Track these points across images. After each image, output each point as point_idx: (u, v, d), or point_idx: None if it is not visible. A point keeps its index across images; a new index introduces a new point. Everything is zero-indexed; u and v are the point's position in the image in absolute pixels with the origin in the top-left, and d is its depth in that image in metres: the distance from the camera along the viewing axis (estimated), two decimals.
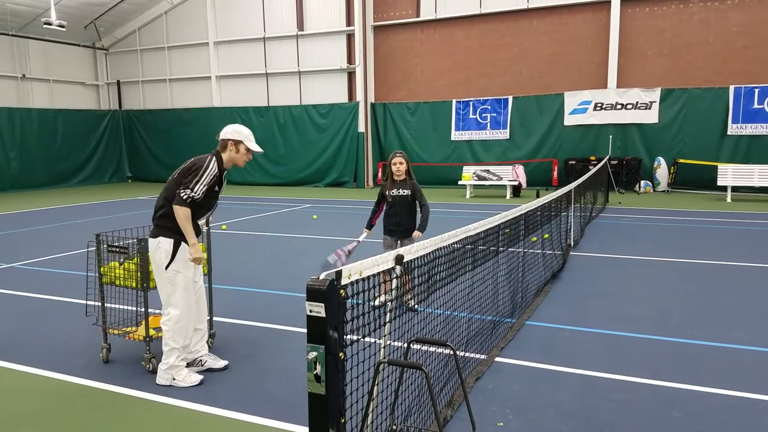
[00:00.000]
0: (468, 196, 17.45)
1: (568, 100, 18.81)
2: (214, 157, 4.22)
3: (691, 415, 3.65)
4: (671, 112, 17.76)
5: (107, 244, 4.54)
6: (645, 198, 16.34)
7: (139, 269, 4.33)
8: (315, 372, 2.08)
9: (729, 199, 15.41)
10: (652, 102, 17.91)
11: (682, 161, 17.60)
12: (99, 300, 4.63)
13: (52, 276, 7.79)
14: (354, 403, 2.70)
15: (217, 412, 3.78)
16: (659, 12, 17.70)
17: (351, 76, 21.45)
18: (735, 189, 15.89)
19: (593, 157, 18.04)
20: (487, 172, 17.99)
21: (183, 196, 4.05)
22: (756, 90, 16.86)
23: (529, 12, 19.08)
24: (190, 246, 4.13)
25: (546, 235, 7.31)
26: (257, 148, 4.35)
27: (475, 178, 17.95)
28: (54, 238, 10.84)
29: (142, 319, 4.55)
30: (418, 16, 20.43)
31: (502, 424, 3.56)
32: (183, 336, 4.19)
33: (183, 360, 4.25)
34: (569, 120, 18.89)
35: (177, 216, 4.05)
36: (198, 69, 23.77)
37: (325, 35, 21.48)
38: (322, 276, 2.12)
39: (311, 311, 2.07)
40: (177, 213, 4.04)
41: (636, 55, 18.05)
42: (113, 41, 25.22)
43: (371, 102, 21.47)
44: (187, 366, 4.31)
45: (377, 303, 2.73)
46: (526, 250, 6.07)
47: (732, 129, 17.24)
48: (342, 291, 2.19)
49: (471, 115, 20.17)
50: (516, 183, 17.40)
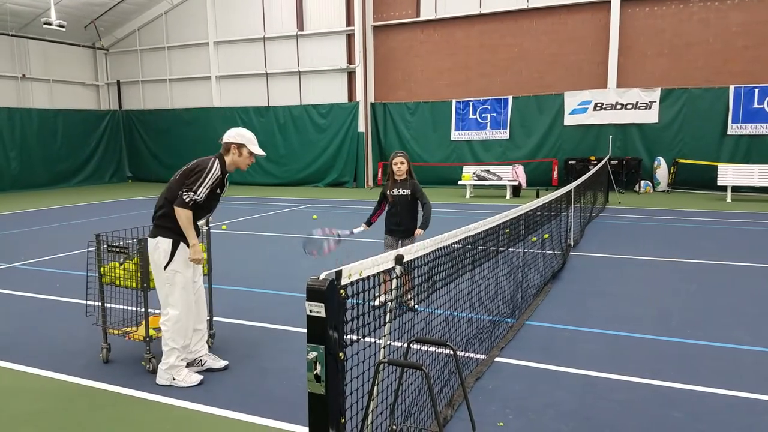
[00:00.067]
0: (468, 196, 17.45)
1: (568, 100, 18.81)
2: (217, 160, 4.23)
3: (691, 415, 3.65)
4: (671, 112, 17.75)
5: (107, 244, 4.55)
6: (645, 198, 16.34)
7: (139, 269, 4.33)
8: (315, 372, 2.08)
9: (729, 199, 15.41)
10: (652, 102, 17.90)
11: (682, 161, 17.59)
12: (99, 300, 4.63)
13: (52, 276, 7.79)
14: (354, 403, 2.70)
15: (217, 412, 3.78)
16: (659, 12, 17.69)
17: (351, 76, 21.45)
18: (735, 189, 15.88)
19: (593, 157, 18.03)
20: (487, 172, 17.98)
21: (185, 198, 4.06)
22: (756, 90, 16.86)
23: (529, 12, 19.08)
24: (190, 247, 4.15)
25: (546, 235, 7.31)
26: (260, 151, 4.36)
27: (475, 178, 17.95)
28: (54, 238, 10.84)
29: (142, 319, 4.55)
30: (418, 16, 20.43)
31: (502, 424, 3.56)
32: (182, 336, 4.19)
33: (183, 360, 4.25)
34: (569, 120, 18.88)
35: (179, 218, 4.06)
36: (198, 69, 23.78)
37: (325, 35, 21.48)
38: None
39: (311, 311, 2.07)
40: (178, 215, 4.06)
41: (636, 55, 18.05)
42: (113, 41, 25.23)
43: (371, 102, 21.46)
44: (187, 366, 4.31)
45: (377, 303, 2.73)
46: (526, 250, 6.07)
47: (732, 129, 17.24)
48: (342, 291, 2.19)
49: (471, 115, 20.17)
50: (516, 183, 17.39)
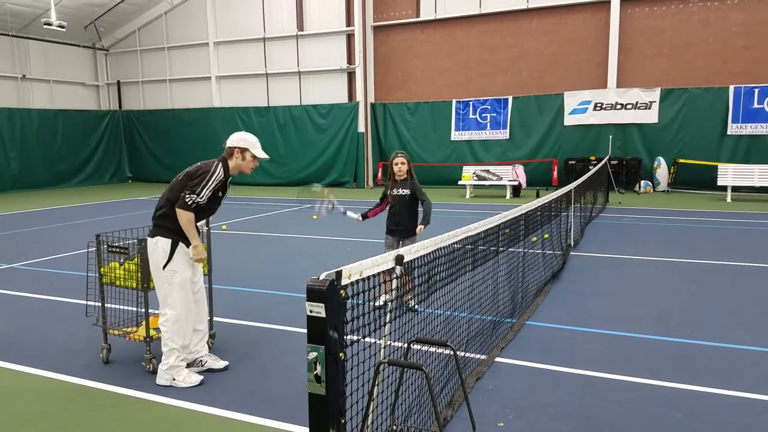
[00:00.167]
0: (468, 196, 17.45)
1: (567, 100, 18.81)
2: (220, 163, 4.23)
3: (691, 415, 3.65)
4: (671, 112, 17.75)
5: (107, 244, 4.55)
6: (645, 198, 16.34)
7: (140, 270, 4.33)
8: (315, 372, 2.08)
9: (729, 199, 15.40)
10: (652, 102, 17.90)
11: (682, 161, 17.59)
12: (99, 300, 4.63)
13: (52, 276, 7.79)
14: (354, 404, 2.70)
15: (217, 412, 3.78)
16: (659, 12, 17.69)
17: (351, 76, 21.45)
18: (735, 189, 15.87)
19: (593, 157, 18.03)
20: (487, 172, 17.98)
21: (188, 200, 4.07)
22: (756, 90, 16.85)
23: (529, 12, 19.08)
24: (192, 247, 4.15)
25: (546, 235, 7.31)
26: (263, 154, 4.36)
27: (475, 178, 17.95)
28: (54, 238, 10.84)
29: (142, 320, 4.55)
30: (418, 16, 20.43)
31: (502, 424, 3.56)
32: (182, 336, 4.19)
33: (183, 360, 4.25)
34: (569, 120, 18.88)
35: (180, 220, 4.07)
36: (198, 69, 23.77)
37: (325, 35, 21.48)
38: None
39: (311, 311, 2.07)
40: (180, 217, 4.06)
41: (636, 55, 18.05)
42: (113, 42, 25.22)
43: (371, 102, 21.46)
44: (188, 366, 4.31)
45: (379, 303, 2.73)
46: (526, 250, 6.07)
47: (732, 129, 17.24)
48: (342, 291, 2.19)
49: (471, 115, 20.17)
50: (516, 183, 17.39)
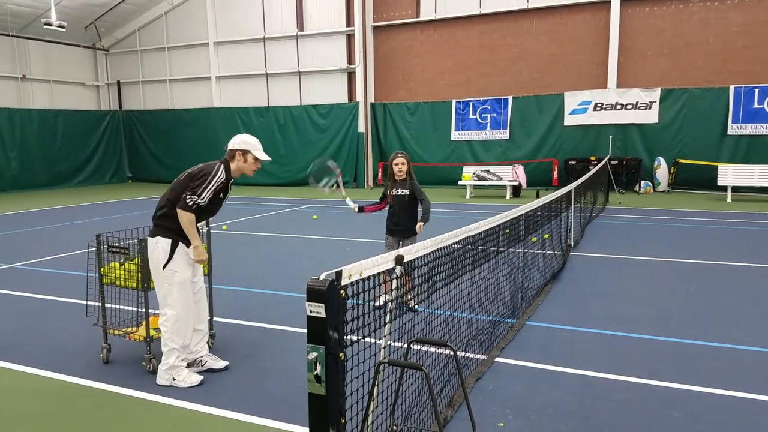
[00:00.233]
0: (468, 196, 17.45)
1: (568, 100, 18.81)
2: (222, 165, 4.24)
3: (690, 415, 3.65)
4: (671, 112, 17.75)
5: (108, 244, 4.56)
6: (645, 198, 16.34)
7: (140, 270, 4.34)
8: (315, 372, 2.09)
9: (729, 199, 15.40)
10: (652, 102, 17.90)
11: (682, 161, 17.59)
12: (99, 300, 4.64)
13: (52, 276, 7.79)
14: (354, 404, 2.71)
15: (217, 412, 3.79)
16: (659, 12, 17.69)
17: (351, 76, 21.45)
18: (735, 189, 15.87)
19: (593, 157, 18.03)
20: (487, 172, 17.99)
21: (189, 201, 4.08)
22: (756, 90, 16.86)
23: (529, 12, 19.08)
24: (193, 248, 4.16)
25: (546, 236, 7.31)
26: (265, 156, 4.36)
27: (475, 178, 17.95)
28: (55, 238, 10.85)
29: (142, 320, 4.56)
30: (418, 16, 20.43)
31: (502, 424, 3.56)
32: (181, 336, 4.20)
33: (183, 360, 4.25)
34: (569, 120, 18.88)
35: (181, 220, 4.08)
36: (198, 69, 23.77)
37: (325, 35, 21.48)
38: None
39: (311, 311, 2.07)
40: (181, 218, 4.07)
41: (636, 55, 18.05)
42: (113, 42, 25.23)
43: (371, 102, 21.46)
44: (188, 366, 4.31)
45: (379, 303, 2.73)
46: (526, 250, 6.08)
47: (732, 129, 17.24)
48: (342, 291, 2.19)
49: (471, 115, 20.17)
50: (516, 183, 17.39)
